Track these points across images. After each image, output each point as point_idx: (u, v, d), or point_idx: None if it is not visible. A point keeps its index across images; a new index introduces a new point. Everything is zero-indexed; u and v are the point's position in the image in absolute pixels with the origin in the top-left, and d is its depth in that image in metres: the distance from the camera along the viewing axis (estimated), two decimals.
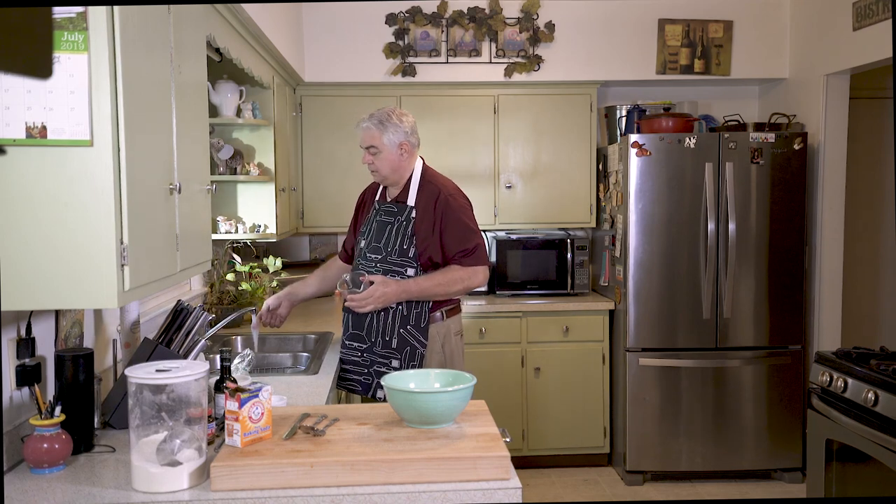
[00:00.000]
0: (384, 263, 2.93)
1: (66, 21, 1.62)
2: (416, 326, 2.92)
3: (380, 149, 2.93)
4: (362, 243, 3.05)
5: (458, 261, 2.91)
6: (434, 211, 2.92)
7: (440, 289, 2.89)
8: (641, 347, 4.33)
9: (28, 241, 1.65)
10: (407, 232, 2.92)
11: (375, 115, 2.95)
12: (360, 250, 3.06)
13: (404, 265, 2.92)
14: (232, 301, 3.93)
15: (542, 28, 4.67)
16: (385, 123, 2.92)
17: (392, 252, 2.93)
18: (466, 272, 2.91)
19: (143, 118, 1.82)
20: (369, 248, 3.00)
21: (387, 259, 2.93)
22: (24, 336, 1.96)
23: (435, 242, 2.91)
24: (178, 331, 2.36)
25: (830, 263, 4.41)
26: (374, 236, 3.00)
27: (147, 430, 1.74)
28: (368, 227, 3.06)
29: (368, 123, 2.94)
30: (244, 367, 2.60)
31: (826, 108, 4.34)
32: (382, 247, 2.95)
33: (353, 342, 2.99)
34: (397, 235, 2.94)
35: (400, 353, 2.91)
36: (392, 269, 2.92)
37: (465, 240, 2.92)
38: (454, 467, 1.76)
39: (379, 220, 3.01)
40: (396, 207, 2.98)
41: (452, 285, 2.90)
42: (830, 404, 3.02)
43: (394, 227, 2.95)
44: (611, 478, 4.49)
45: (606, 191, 4.67)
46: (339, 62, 4.63)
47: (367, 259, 2.99)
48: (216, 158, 3.71)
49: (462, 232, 2.92)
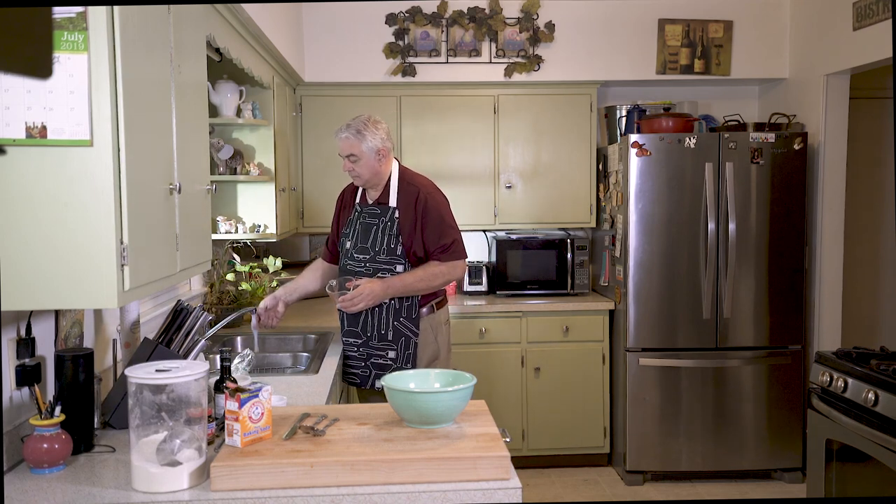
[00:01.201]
0: (373, 263, 3.11)
1: (66, 21, 1.62)
2: (409, 318, 3.12)
3: (359, 156, 3.08)
4: (347, 244, 3.21)
5: (437, 256, 3.09)
6: (415, 209, 3.09)
7: (422, 283, 3.07)
8: (641, 347, 4.33)
9: (28, 241, 1.65)
10: (392, 231, 3.09)
11: (352, 125, 3.10)
12: (345, 251, 3.21)
13: (393, 262, 3.10)
14: (232, 301, 3.93)
15: (542, 28, 4.67)
16: (363, 132, 3.08)
17: (381, 251, 3.10)
18: (446, 266, 3.10)
19: (143, 118, 1.82)
20: (356, 249, 3.16)
21: (375, 259, 3.10)
22: (24, 336, 1.96)
23: (418, 239, 3.09)
24: (178, 331, 2.36)
25: (830, 263, 4.41)
26: (359, 237, 3.16)
27: (147, 430, 1.74)
28: (352, 228, 3.20)
29: (347, 134, 3.09)
30: (244, 367, 2.60)
31: (826, 108, 4.34)
32: (370, 247, 3.12)
33: (349, 338, 3.18)
34: (384, 235, 3.11)
35: (395, 343, 3.11)
36: (382, 267, 3.10)
37: (443, 235, 3.10)
38: (454, 467, 1.76)
39: (363, 223, 3.17)
40: (379, 209, 3.14)
41: (434, 279, 3.08)
42: (830, 404, 3.02)
43: (379, 227, 3.12)
44: (611, 478, 4.49)
45: (606, 191, 4.67)
46: (339, 62, 4.63)
47: (355, 259, 3.15)
48: (216, 158, 3.71)
49: (440, 228, 3.10)
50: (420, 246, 3.10)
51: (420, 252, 3.10)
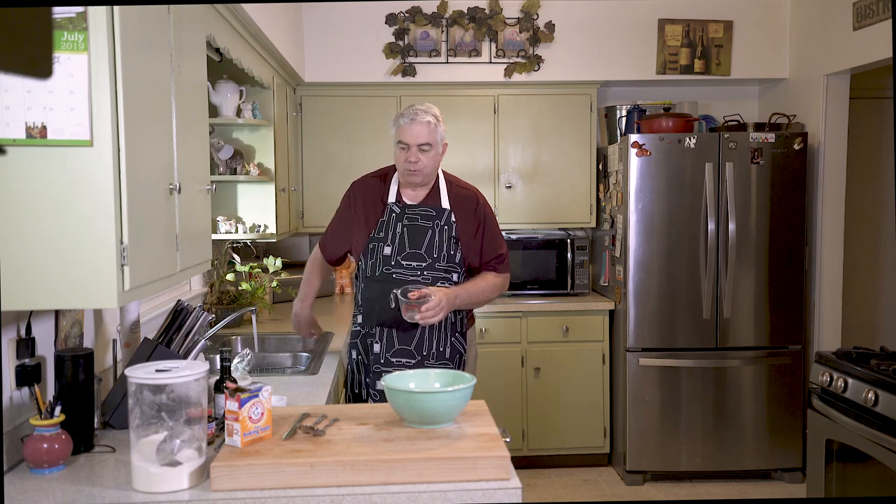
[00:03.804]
0: (431, 270, 2.79)
1: (66, 21, 1.62)
2: (462, 333, 2.88)
3: (433, 147, 2.78)
4: (386, 250, 2.82)
5: (493, 267, 2.87)
6: (475, 215, 2.85)
7: (483, 295, 2.85)
8: (641, 347, 4.33)
9: (28, 241, 1.65)
10: (452, 235, 2.82)
11: (429, 111, 2.78)
12: (382, 258, 2.83)
13: (451, 271, 2.83)
14: (232, 301, 3.93)
15: (542, 28, 4.67)
16: (440, 120, 2.81)
17: (440, 258, 2.80)
18: (501, 278, 2.89)
19: (142, 118, 1.82)
20: (404, 256, 2.81)
21: (434, 266, 2.80)
22: (24, 336, 1.96)
23: (475, 247, 2.85)
24: (178, 331, 2.35)
25: (830, 263, 4.41)
26: (408, 242, 2.81)
27: (147, 430, 1.74)
28: (390, 232, 2.84)
29: (429, 118, 2.76)
30: (243, 366, 2.60)
31: (826, 108, 4.34)
32: (426, 253, 2.80)
33: (400, 358, 2.81)
34: (441, 240, 2.81)
35: (452, 361, 2.84)
36: (440, 275, 2.80)
37: (499, 245, 2.90)
38: (454, 467, 1.76)
39: (411, 225, 2.82)
40: (434, 210, 2.84)
41: (493, 291, 2.87)
42: (830, 404, 3.02)
43: (435, 231, 2.81)
44: (611, 478, 4.49)
45: (606, 191, 4.67)
46: (339, 62, 4.63)
47: (404, 268, 2.80)
48: (216, 158, 3.70)
49: (498, 239, 2.91)
50: (476, 255, 2.85)
51: (474, 262, 2.86)
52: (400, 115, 2.80)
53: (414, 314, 2.62)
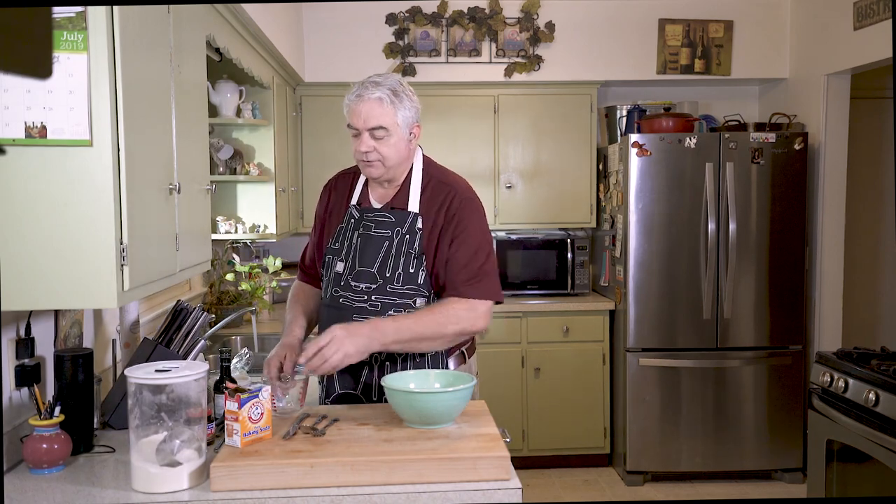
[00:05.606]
0: (385, 295, 2.13)
1: (66, 21, 1.62)
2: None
3: (390, 130, 2.09)
4: (338, 266, 2.18)
5: (460, 288, 2.11)
6: (445, 215, 2.14)
7: (431, 330, 2.06)
8: (642, 347, 4.33)
9: (28, 241, 1.65)
10: (413, 249, 2.13)
11: (383, 84, 2.09)
12: (334, 276, 2.19)
13: (412, 295, 2.13)
14: (231, 301, 3.93)
15: (543, 28, 4.66)
16: (400, 96, 2.10)
17: (395, 278, 2.12)
18: (465, 307, 2.09)
19: (142, 118, 1.82)
20: (354, 276, 2.15)
21: (386, 288, 2.12)
22: (24, 336, 1.96)
23: (441, 259, 2.14)
24: (178, 331, 2.35)
25: (831, 263, 4.41)
26: (359, 257, 2.16)
27: (147, 431, 1.74)
28: (345, 242, 2.20)
29: (379, 94, 2.07)
30: (242, 366, 2.60)
31: (826, 108, 4.34)
32: (378, 272, 2.13)
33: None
34: (399, 255, 2.13)
35: None
36: (396, 301, 2.12)
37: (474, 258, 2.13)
38: (454, 467, 1.75)
39: (365, 234, 2.17)
40: (393, 216, 2.16)
41: (449, 325, 2.08)
42: (831, 404, 3.02)
43: (393, 243, 2.14)
44: (611, 478, 4.48)
45: (606, 191, 4.67)
46: (339, 62, 4.63)
47: (353, 290, 2.15)
48: (216, 158, 3.70)
49: (473, 248, 2.13)
50: (444, 269, 2.13)
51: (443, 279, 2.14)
52: (348, 92, 2.14)
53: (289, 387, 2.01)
